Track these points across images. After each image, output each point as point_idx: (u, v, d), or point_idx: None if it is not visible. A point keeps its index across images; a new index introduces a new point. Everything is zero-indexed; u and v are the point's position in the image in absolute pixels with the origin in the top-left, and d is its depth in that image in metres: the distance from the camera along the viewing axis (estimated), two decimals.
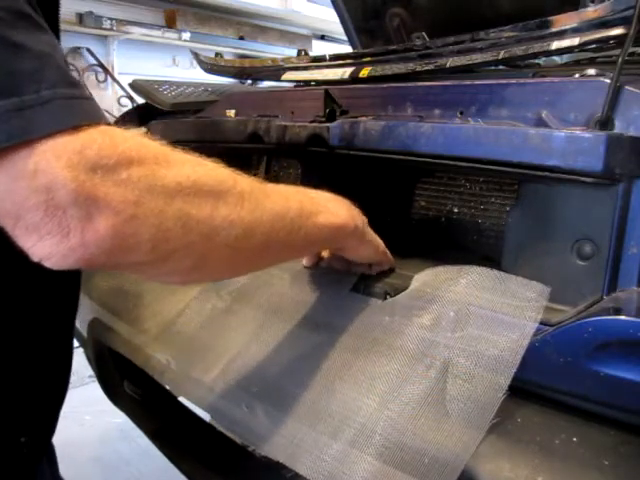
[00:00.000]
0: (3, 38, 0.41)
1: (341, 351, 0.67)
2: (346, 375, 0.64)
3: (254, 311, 0.80)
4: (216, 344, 0.80)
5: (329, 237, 0.63)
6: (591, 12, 0.79)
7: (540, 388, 0.57)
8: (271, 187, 0.57)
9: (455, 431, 0.54)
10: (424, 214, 0.87)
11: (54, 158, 0.40)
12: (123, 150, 0.43)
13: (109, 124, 0.45)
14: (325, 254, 0.75)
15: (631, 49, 0.67)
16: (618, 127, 0.58)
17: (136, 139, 0.45)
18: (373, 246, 0.70)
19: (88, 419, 2.14)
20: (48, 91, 0.42)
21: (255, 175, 1.16)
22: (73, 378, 0.75)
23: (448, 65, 0.90)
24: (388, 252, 0.73)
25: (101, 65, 2.97)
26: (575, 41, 0.78)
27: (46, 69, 0.43)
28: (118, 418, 1.65)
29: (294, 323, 0.74)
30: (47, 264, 0.43)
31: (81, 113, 0.43)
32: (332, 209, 0.63)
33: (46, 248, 0.41)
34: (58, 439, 0.76)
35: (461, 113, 0.74)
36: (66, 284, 0.72)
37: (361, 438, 0.58)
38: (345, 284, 0.73)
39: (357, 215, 0.67)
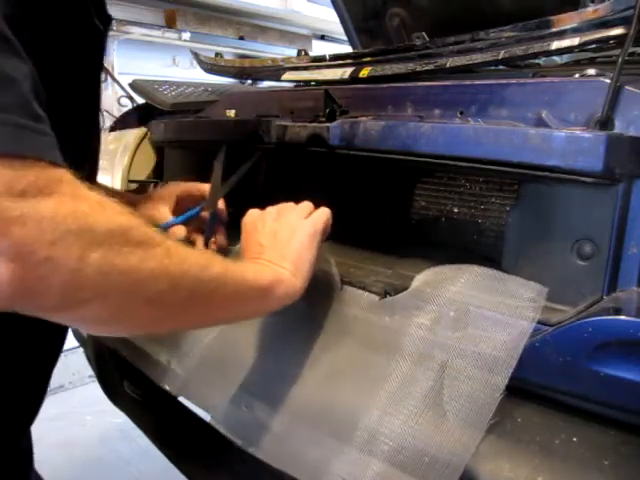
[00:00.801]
0: None
1: (341, 351, 0.67)
2: (346, 376, 0.64)
3: None
4: (215, 345, 0.80)
5: (261, 295, 0.60)
6: (591, 12, 0.79)
7: (540, 388, 0.57)
8: (193, 250, 0.55)
9: (454, 431, 0.54)
10: (424, 214, 0.87)
11: None
12: (56, 187, 0.40)
13: (59, 165, 0.42)
14: None
15: (631, 49, 0.67)
16: (618, 127, 0.58)
17: (76, 183, 0.43)
18: (305, 249, 0.66)
19: (88, 419, 2.14)
20: None
21: (255, 175, 1.16)
22: (73, 378, 0.75)
23: (448, 65, 0.90)
24: (314, 219, 0.70)
25: None
26: (575, 41, 0.78)
27: (5, 93, 0.41)
28: (118, 418, 1.65)
29: (294, 324, 0.74)
30: None
31: (27, 145, 0.40)
32: (256, 269, 0.61)
33: None
34: (58, 439, 0.76)
35: (461, 113, 0.74)
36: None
37: (362, 439, 0.58)
38: (337, 280, 0.73)
39: (277, 260, 0.64)
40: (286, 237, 0.67)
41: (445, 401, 0.56)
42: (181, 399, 0.84)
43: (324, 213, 0.71)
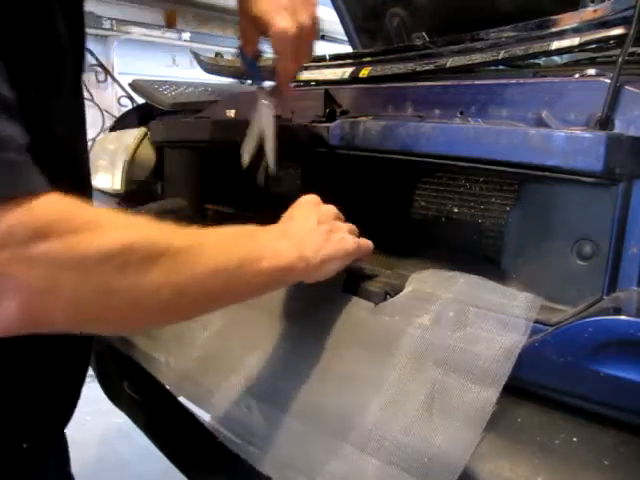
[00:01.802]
0: None
1: (340, 352, 0.67)
2: (345, 376, 0.64)
3: (253, 312, 0.79)
4: (214, 345, 0.80)
5: (276, 280, 0.60)
6: (591, 12, 0.79)
7: (540, 388, 0.57)
8: (212, 237, 0.54)
9: (452, 431, 0.53)
10: (424, 214, 0.87)
11: None
12: (42, 223, 0.40)
13: (42, 192, 0.41)
14: None
15: (631, 49, 0.67)
16: (618, 127, 0.58)
17: (63, 206, 0.42)
18: (337, 260, 0.65)
19: (88, 419, 2.13)
20: None
21: (254, 175, 1.16)
22: None
23: (448, 65, 0.90)
24: (360, 243, 0.69)
25: (101, 65, 2.97)
26: (575, 41, 0.78)
27: None
28: (118, 418, 1.65)
29: (293, 324, 0.74)
30: None
31: (5, 186, 0.39)
32: (278, 250, 0.59)
33: None
34: None
35: (461, 113, 0.74)
36: None
37: (360, 440, 0.57)
38: (338, 283, 0.73)
39: (309, 246, 0.62)
40: (330, 240, 0.65)
41: (442, 401, 0.56)
42: (181, 399, 0.84)
43: (368, 247, 0.71)
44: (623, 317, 0.49)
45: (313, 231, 0.65)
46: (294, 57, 0.74)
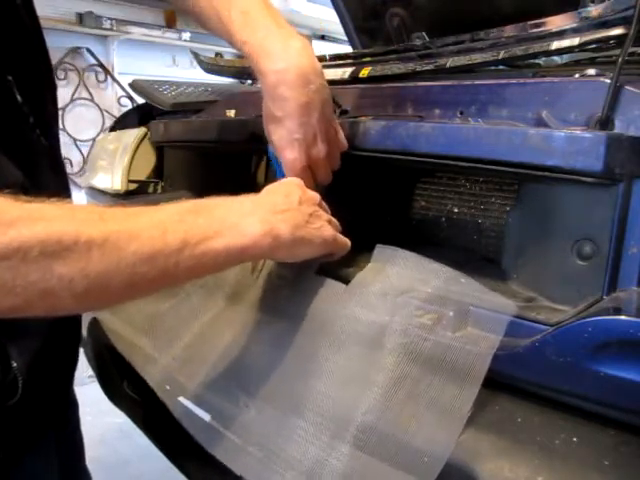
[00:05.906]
0: None
1: (315, 342, 0.66)
2: (321, 367, 0.64)
3: (241, 307, 0.79)
4: (198, 340, 0.80)
5: (233, 258, 0.56)
6: (591, 12, 0.79)
7: (540, 388, 0.57)
8: (148, 219, 0.51)
9: (433, 429, 0.53)
10: (424, 214, 0.87)
11: None
12: None
13: None
14: None
15: (631, 49, 0.67)
16: (618, 127, 0.58)
17: None
18: (312, 245, 0.63)
19: (88, 419, 2.13)
20: None
21: (254, 175, 1.16)
22: None
23: (448, 65, 0.90)
24: (339, 237, 0.68)
25: (101, 65, 2.97)
26: (575, 41, 0.78)
27: None
28: (118, 418, 1.65)
29: (274, 316, 0.73)
30: None
31: None
32: (242, 226, 0.56)
33: None
34: None
35: (461, 113, 0.74)
36: None
37: (342, 432, 0.57)
38: (311, 269, 0.72)
39: (284, 222, 0.59)
40: (309, 222, 0.63)
41: (421, 391, 0.55)
42: (180, 399, 0.84)
43: (346, 244, 0.70)
44: (623, 317, 0.49)
45: (294, 209, 0.62)
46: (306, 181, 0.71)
